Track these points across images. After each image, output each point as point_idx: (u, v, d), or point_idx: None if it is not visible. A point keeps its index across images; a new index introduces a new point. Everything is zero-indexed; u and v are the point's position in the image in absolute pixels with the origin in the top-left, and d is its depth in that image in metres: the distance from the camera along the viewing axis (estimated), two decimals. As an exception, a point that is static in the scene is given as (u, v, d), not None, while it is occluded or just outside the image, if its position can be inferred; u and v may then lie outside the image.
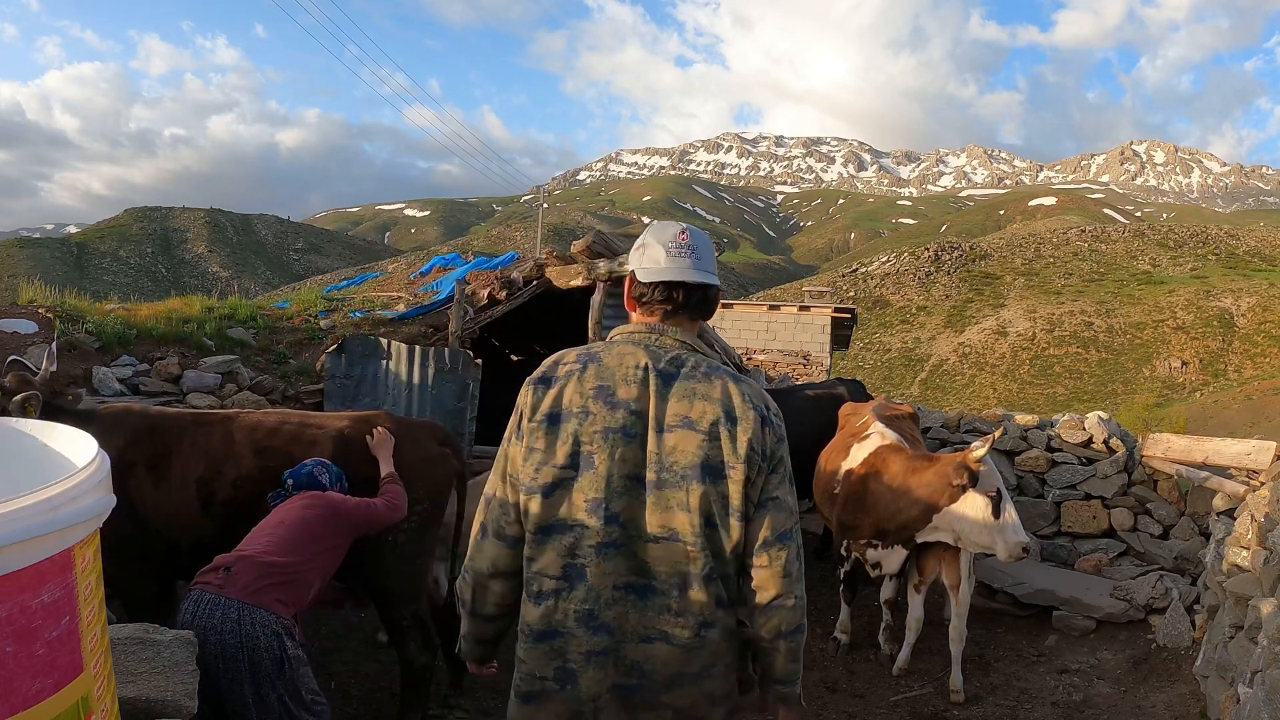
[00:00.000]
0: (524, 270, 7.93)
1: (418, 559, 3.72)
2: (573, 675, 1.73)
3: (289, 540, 2.93)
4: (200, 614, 2.66)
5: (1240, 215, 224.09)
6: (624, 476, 1.74)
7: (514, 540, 1.83)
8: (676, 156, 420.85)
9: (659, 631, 1.74)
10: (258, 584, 2.75)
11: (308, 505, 3.10)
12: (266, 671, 2.69)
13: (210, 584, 2.73)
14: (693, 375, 1.81)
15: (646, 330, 1.86)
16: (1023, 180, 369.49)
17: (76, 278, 65.97)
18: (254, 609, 2.70)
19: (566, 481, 1.75)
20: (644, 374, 1.79)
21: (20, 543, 1.10)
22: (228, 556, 2.83)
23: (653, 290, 1.86)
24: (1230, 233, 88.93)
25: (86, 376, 6.44)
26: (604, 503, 1.73)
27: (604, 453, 1.74)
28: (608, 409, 1.76)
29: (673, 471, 1.74)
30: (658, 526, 1.74)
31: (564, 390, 1.80)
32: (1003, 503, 4.35)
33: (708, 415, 1.76)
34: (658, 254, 1.85)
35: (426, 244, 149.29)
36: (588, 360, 1.83)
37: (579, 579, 1.73)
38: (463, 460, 4.01)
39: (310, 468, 3.30)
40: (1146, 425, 22.79)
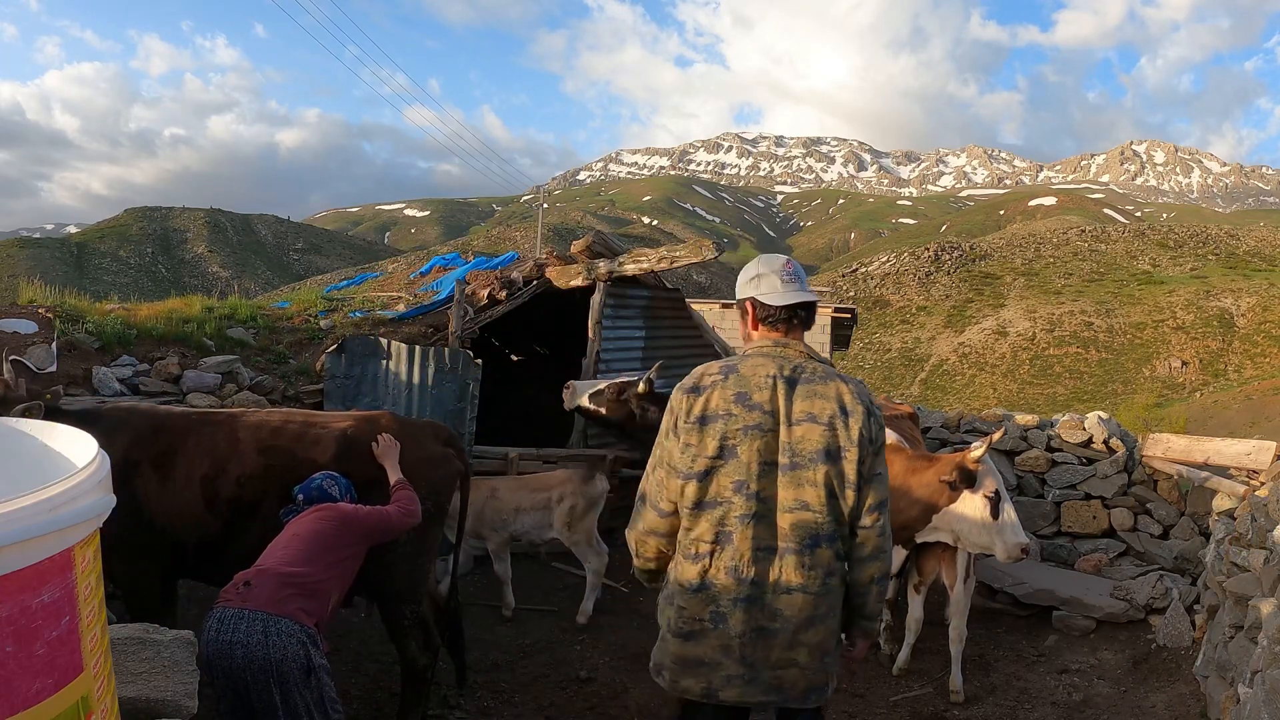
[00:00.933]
0: (524, 270, 7.93)
1: (419, 559, 3.72)
2: (723, 616, 2.28)
3: (305, 552, 2.95)
4: (225, 629, 2.68)
5: (1240, 215, 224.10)
6: (761, 462, 2.27)
7: (666, 512, 2.39)
8: (676, 156, 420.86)
9: (795, 583, 2.27)
10: (279, 594, 2.78)
11: (320, 517, 3.11)
12: (294, 680, 2.74)
13: (232, 600, 2.75)
14: (812, 379, 2.33)
15: (773, 345, 2.37)
16: (1023, 180, 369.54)
17: (76, 278, 65.98)
18: (279, 619, 2.73)
19: (715, 469, 2.28)
20: (772, 381, 2.31)
21: (20, 543, 1.10)
22: (246, 573, 2.85)
23: (779, 312, 2.37)
24: (1230, 233, 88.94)
25: (86, 376, 6.44)
26: (746, 483, 2.26)
27: (745, 444, 2.27)
28: (746, 410, 2.28)
29: (802, 456, 2.27)
30: (791, 500, 2.27)
31: (710, 397, 2.31)
32: (1002, 503, 4.34)
33: (826, 410, 2.29)
34: (774, 282, 2.38)
35: (426, 244, 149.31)
36: (729, 372, 2.34)
37: (727, 542, 2.27)
38: (466, 461, 4.02)
39: (319, 481, 3.30)
40: (1146, 425, 22.78)
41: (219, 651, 2.69)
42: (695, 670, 2.32)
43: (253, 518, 3.56)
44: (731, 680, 2.30)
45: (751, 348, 2.40)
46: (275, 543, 3.03)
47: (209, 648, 2.69)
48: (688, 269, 11.37)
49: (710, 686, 2.32)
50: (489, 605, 5.75)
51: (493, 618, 5.55)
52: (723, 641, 2.29)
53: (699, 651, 2.31)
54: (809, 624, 2.29)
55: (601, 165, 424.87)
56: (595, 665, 4.94)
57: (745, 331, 2.48)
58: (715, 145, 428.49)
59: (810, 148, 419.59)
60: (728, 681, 2.30)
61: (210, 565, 3.71)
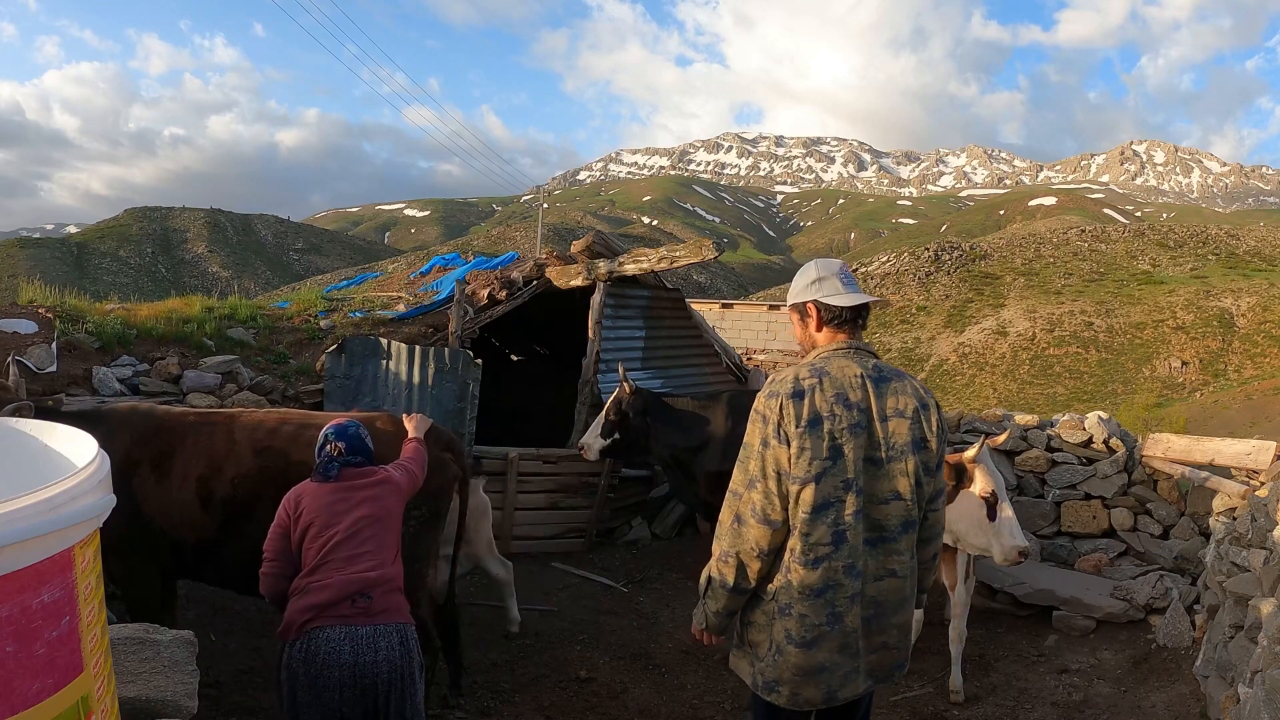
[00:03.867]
0: (524, 270, 7.92)
1: (415, 562, 3.70)
2: (840, 616, 2.34)
3: (392, 545, 2.89)
4: (365, 649, 2.64)
5: (1240, 215, 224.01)
6: (861, 459, 2.35)
7: (778, 524, 2.34)
8: (676, 156, 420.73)
9: (889, 570, 2.40)
10: (395, 601, 2.79)
11: (384, 493, 2.96)
12: (419, 680, 2.82)
13: (356, 618, 2.67)
14: (892, 378, 2.47)
15: (848, 347, 2.47)
16: (1023, 180, 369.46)
17: (76, 278, 65.93)
18: (405, 627, 2.77)
19: (829, 470, 2.31)
20: (862, 380, 2.40)
21: (20, 543, 1.10)
22: (353, 583, 2.70)
23: (844, 312, 2.46)
24: (1230, 233, 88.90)
25: (86, 376, 6.44)
26: (854, 480, 2.33)
27: (850, 443, 2.33)
28: (846, 409, 2.34)
29: (895, 449, 2.38)
30: (888, 491, 2.39)
31: (813, 400, 2.33)
32: (999, 505, 4.33)
33: (910, 406, 2.43)
34: (836, 285, 2.48)
35: (426, 244, 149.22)
36: (820, 375, 2.38)
37: (842, 542, 2.32)
38: (464, 464, 4.01)
39: (355, 428, 3.07)
40: (1146, 425, 22.78)
41: (361, 672, 2.63)
42: (816, 678, 2.34)
43: (249, 518, 3.56)
44: (848, 678, 2.38)
45: (828, 350, 2.48)
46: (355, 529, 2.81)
47: (345, 671, 2.61)
48: (688, 269, 11.37)
49: (830, 689, 2.36)
50: (489, 605, 5.75)
51: (493, 617, 5.55)
52: (841, 641, 2.35)
53: (820, 657, 2.34)
54: (900, 606, 2.45)
55: (601, 165, 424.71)
56: (595, 665, 4.94)
57: (808, 334, 2.55)
58: (715, 145, 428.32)
59: (810, 148, 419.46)
60: (844, 681, 2.37)
61: (208, 565, 3.71)
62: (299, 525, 2.85)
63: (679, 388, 7.78)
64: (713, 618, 2.48)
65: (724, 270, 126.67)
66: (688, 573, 6.65)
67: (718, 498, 6.49)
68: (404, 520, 3.58)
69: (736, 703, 4.61)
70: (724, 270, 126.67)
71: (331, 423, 3.13)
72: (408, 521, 3.60)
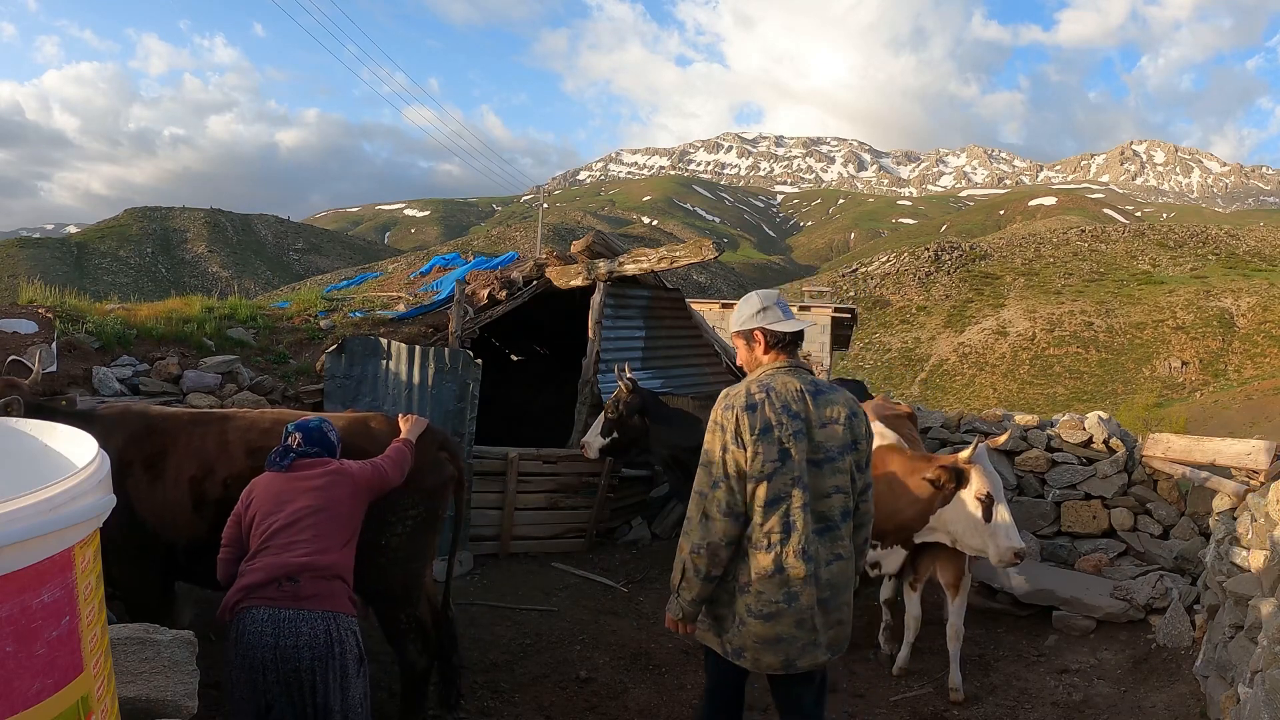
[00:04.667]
0: (524, 270, 7.92)
1: (412, 563, 3.68)
2: (796, 596, 2.71)
3: (334, 535, 2.90)
4: (286, 632, 2.66)
5: (1240, 215, 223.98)
6: (805, 460, 2.74)
7: (740, 517, 2.72)
8: (676, 156, 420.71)
9: (836, 554, 2.79)
10: (329, 588, 2.79)
11: (332, 483, 3.00)
12: (352, 672, 2.78)
13: (280, 600, 2.70)
14: (825, 390, 2.88)
15: (789, 365, 2.88)
16: (1023, 180, 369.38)
17: (76, 278, 65.95)
18: (337, 615, 2.76)
19: (779, 470, 2.70)
20: (801, 394, 2.80)
21: (20, 543, 1.10)
22: (282, 566, 2.76)
23: (785, 337, 2.88)
24: (1230, 233, 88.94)
25: (86, 376, 6.44)
26: (800, 478, 2.72)
27: (795, 446, 2.72)
28: (790, 419, 2.74)
29: (832, 450, 2.79)
30: (829, 486, 2.78)
31: (764, 411, 2.73)
32: (995, 505, 4.30)
33: (842, 413, 2.84)
34: (777, 314, 2.90)
35: (426, 244, 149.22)
36: (767, 390, 2.78)
37: (791, 530, 2.71)
38: (461, 465, 3.98)
39: (317, 423, 3.19)
40: (1146, 425, 22.78)
41: (283, 655, 2.65)
42: (775, 647, 2.74)
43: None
44: (805, 649, 2.75)
45: (772, 368, 2.88)
46: (295, 518, 2.86)
47: (267, 651, 2.63)
48: (688, 269, 11.37)
49: (789, 658, 2.75)
50: (489, 605, 5.75)
51: (493, 617, 5.55)
52: (798, 617, 2.72)
53: (779, 630, 2.72)
54: (847, 586, 2.85)
55: (601, 165, 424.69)
56: (595, 665, 4.94)
57: (754, 356, 2.94)
58: (715, 145, 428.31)
59: (810, 148, 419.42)
60: (803, 651, 2.75)
61: (201, 567, 3.69)
62: (249, 513, 2.94)
63: (679, 388, 7.78)
64: (688, 607, 2.81)
65: (724, 270, 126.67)
66: (688, 573, 6.65)
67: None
68: (401, 520, 3.58)
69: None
70: (724, 270, 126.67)
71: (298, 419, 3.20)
72: (404, 521, 3.60)
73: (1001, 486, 4.43)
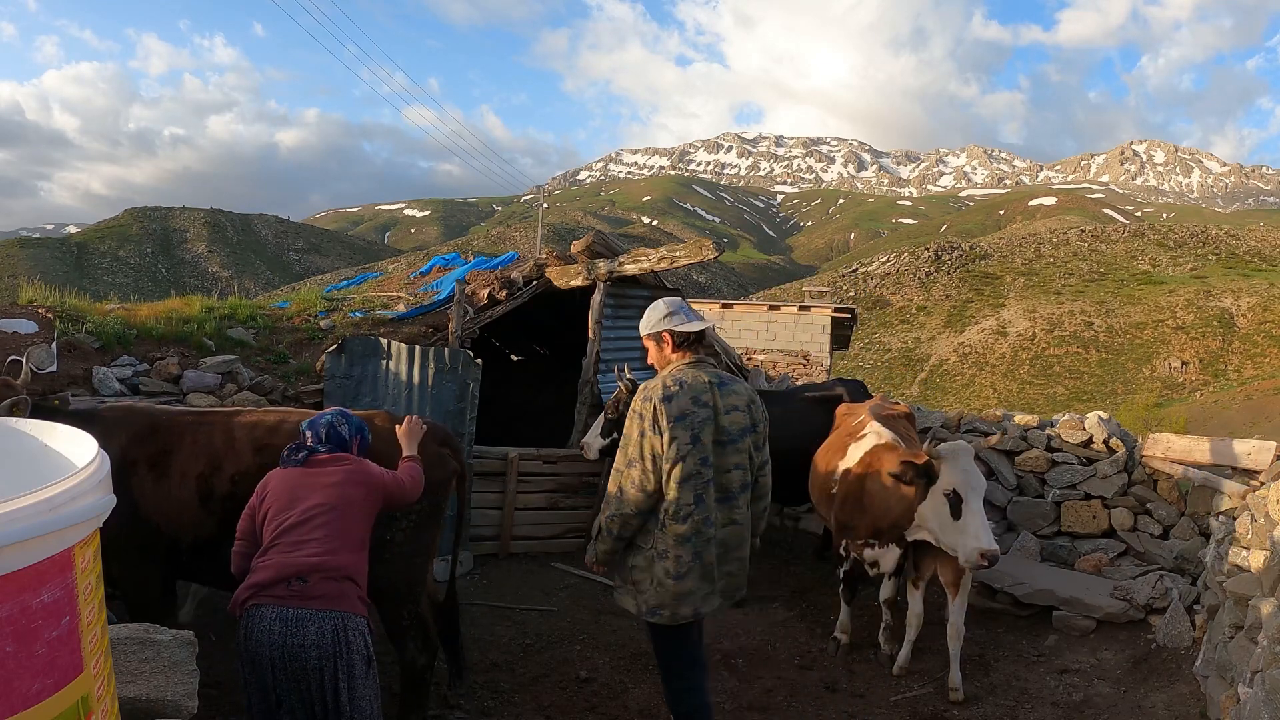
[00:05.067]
0: (524, 270, 7.92)
1: (416, 558, 3.71)
2: (700, 555, 3.26)
3: (348, 534, 2.88)
4: (294, 631, 2.65)
5: (1240, 215, 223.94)
6: (712, 442, 3.26)
7: (651, 493, 3.22)
8: (676, 156, 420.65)
9: (733, 519, 3.37)
10: (339, 589, 2.77)
11: (349, 481, 2.97)
12: (360, 673, 2.76)
13: (289, 599, 2.69)
14: (728, 383, 3.41)
15: (696, 361, 3.39)
16: (1023, 180, 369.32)
17: (76, 278, 65.95)
18: (345, 615, 2.75)
19: (691, 452, 3.21)
20: (709, 385, 3.32)
21: (20, 543, 1.10)
22: (291, 565, 2.74)
23: (690, 336, 3.37)
24: (1230, 233, 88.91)
25: (86, 376, 6.44)
26: (708, 458, 3.25)
27: (704, 431, 3.24)
28: (700, 408, 3.25)
29: (734, 434, 3.33)
30: (731, 464, 3.33)
31: (679, 402, 3.22)
32: (964, 504, 4.23)
33: (743, 401, 3.40)
34: (682, 317, 3.37)
35: (426, 244, 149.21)
36: (680, 383, 3.27)
37: (701, 502, 3.24)
38: (463, 461, 4.00)
39: (330, 418, 3.15)
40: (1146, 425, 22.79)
41: (290, 655, 2.64)
42: (687, 600, 3.27)
43: None
44: (706, 599, 3.32)
45: (682, 364, 3.39)
46: (308, 516, 2.85)
47: (274, 650, 2.62)
48: (688, 269, 11.37)
49: (696, 608, 3.30)
50: (489, 605, 5.75)
51: (493, 617, 5.55)
52: (702, 572, 3.27)
53: (689, 585, 3.26)
54: (740, 544, 3.41)
55: (601, 165, 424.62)
56: (595, 665, 4.94)
57: (664, 355, 3.44)
58: (715, 145, 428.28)
59: (810, 148, 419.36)
60: (704, 600, 3.31)
61: (205, 565, 3.70)
62: (262, 508, 2.93)
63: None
64: (604, 555, 3.37)
65: (724, 270, 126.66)
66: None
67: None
68: (405, 516, 3.58)
69: (737, 703, 4.61)
70: (724, 270, 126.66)
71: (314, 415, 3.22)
72: (408, 516, 3.61)
73: (981, 485, 4.33)
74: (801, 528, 7.80)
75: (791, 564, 7.02)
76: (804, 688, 4.83)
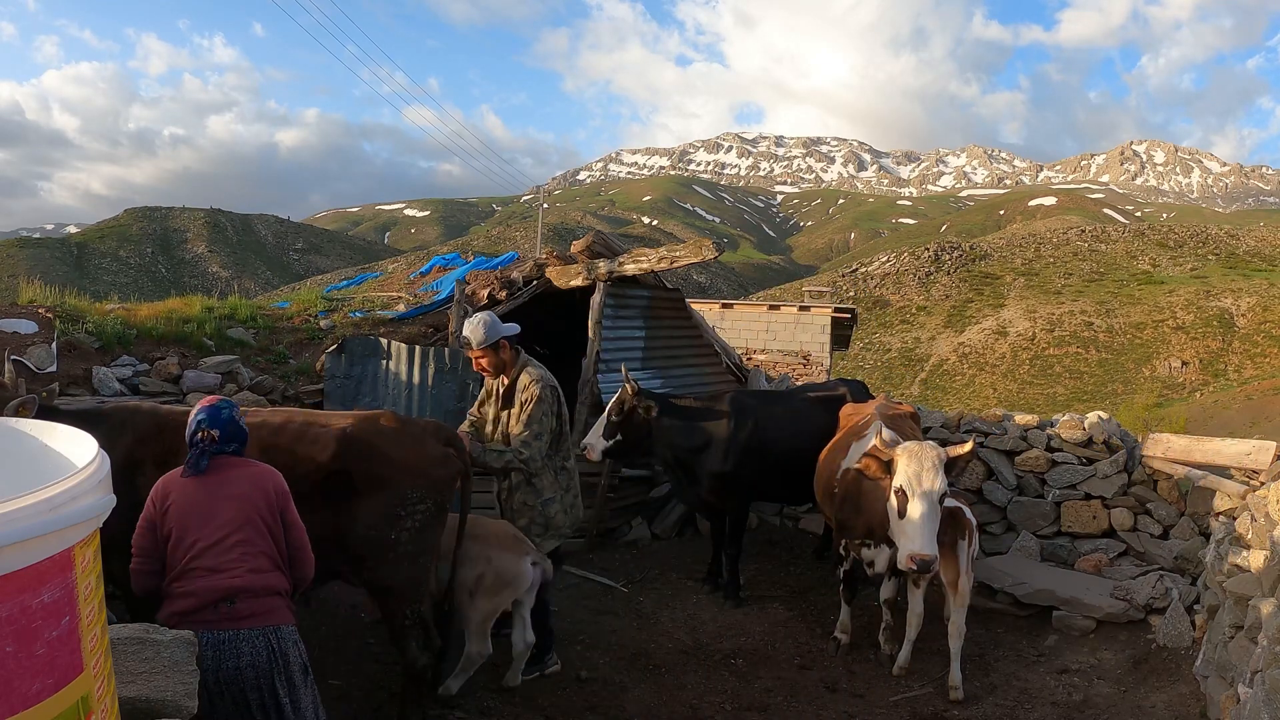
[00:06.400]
0: (524, 270, 7.92)
1: (420, 558, 3.70)
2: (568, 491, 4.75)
3: (266, 547, 2.77)
4: (228, 655, 2.61)
5: (1240, 215, 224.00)
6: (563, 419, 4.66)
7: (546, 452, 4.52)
8: (676, 156, 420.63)
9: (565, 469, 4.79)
10: (268, 605, 2.72)
11: (256, 489, 2.80)
12: (299, 683, 2.75)
13: (219, 622, 2.63)
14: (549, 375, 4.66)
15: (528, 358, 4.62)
16: (1023, 180, 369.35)
17: (76, 278, 65.92)
18: (278, 629, 2.71)
19: (561, 426, 4.61)
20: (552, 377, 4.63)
21: (20, 543, 1.10)
22: (214, 590, 2.64)
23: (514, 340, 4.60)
24: (1230, 233, 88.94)
25: (86, 376, 6.44)
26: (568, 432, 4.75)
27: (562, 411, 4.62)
28: (558, 398, 4.57)
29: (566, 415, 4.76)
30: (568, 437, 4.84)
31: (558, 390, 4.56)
32: (908, 503, 4.16)
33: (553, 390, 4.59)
34: (506, 328, 4.51)
35: (426, 244, 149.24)
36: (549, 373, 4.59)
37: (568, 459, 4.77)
38: (467, 460, 3.99)
39: (229, 411, 2.88)
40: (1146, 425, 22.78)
41: (226, 679, 2.61)
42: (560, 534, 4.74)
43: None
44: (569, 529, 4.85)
45: (526, 361, 4.56)
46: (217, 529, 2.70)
47: (209, 675, 2.56)
48: (688, 269, 11.36)
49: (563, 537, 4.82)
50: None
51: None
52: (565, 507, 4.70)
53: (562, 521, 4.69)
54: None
55: (601, 165, 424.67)
56: (595, 665, 4.94)
57: (501, 359, 4.49)
58: (715, 145, 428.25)
59: (810, 148, 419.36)
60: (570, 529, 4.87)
61: None
62: (164, 523, 2.73)
63: (679, 388, 7.78)
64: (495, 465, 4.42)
65: (724, 270, 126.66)
66: (688, 573, 6.65)
67: (720, 498, 6.49)
68: (410, 515, 3.58)
69: (737, 703, 4.61)
70: (724, 270, 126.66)
71: (203, 404, 2.90)
72: (413, 516, 3.60)
73: (931, 488, 4.22)
74: (801, 528, 7.80)
75: (791, 564, 7.02)
76: (804, 688, 4.83)
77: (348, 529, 3.54)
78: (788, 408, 6.52)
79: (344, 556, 3.58)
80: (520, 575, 4.24)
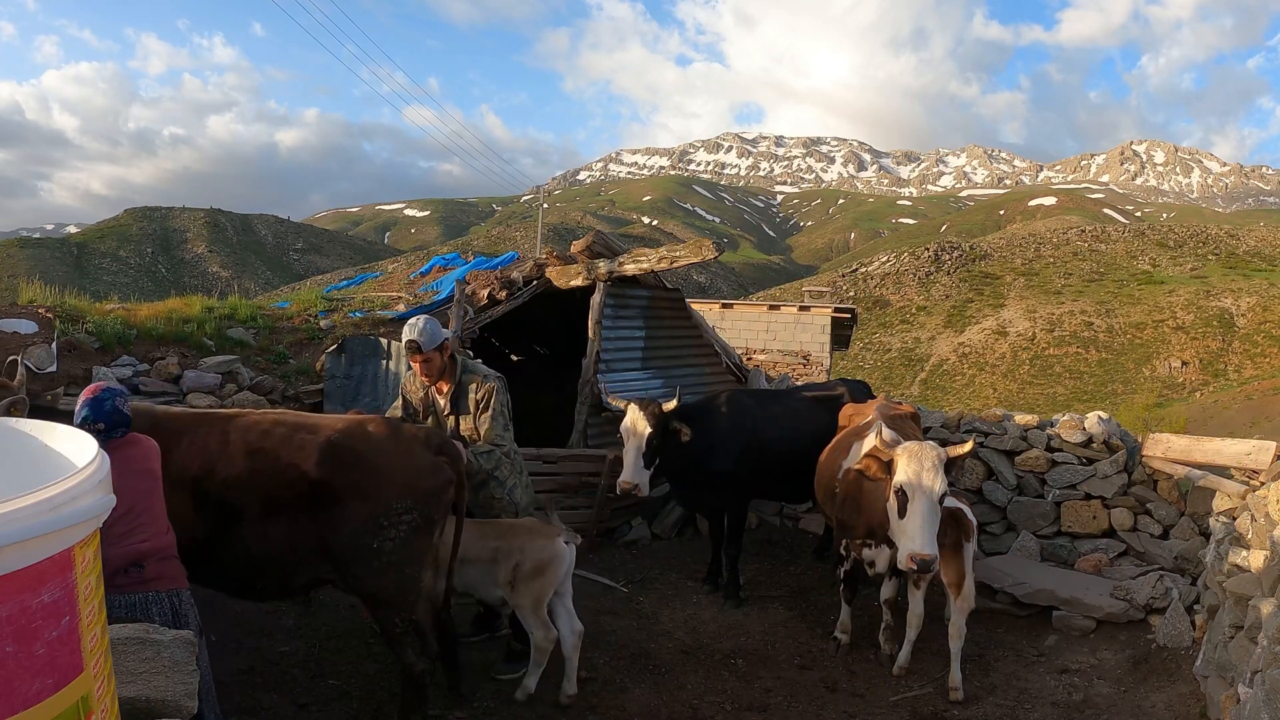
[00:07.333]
0: (524, 270, 7.93)
1: (406, 567, 3.64)
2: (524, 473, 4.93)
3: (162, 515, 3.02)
4: (139, 615, 2.77)
5: (1240, 215, 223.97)
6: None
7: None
8: (676, 156, 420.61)
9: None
10: (171, 569, 2.96)
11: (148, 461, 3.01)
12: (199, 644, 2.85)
13: (129, 586, 2.84)
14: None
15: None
16: (1023, 180, 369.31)
17: (76, 278, 65.94)
18: (180, 592, 2.97)
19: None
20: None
21: (20, 543, 1.10)
22: (126, 555, 2.83)
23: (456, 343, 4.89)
24: (1230, 233, 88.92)
25: (86, 376, 6.44)
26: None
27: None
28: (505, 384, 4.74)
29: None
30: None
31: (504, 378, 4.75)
32: (909, 503, 4.16)
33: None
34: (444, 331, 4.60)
35: (426, 244, 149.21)
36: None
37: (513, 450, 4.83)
38: (460, 469, 3.86)
39: (109, 402, 2.98)
40: (1146, 425, 22.77)
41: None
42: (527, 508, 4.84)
43: (239, 520, 3.53)
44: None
45: (469, 364, 4.67)
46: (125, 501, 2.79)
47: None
48: (688, 269, 11.37)
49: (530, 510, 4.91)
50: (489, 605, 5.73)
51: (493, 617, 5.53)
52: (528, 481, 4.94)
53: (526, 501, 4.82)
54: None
55: (601, 165, 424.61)
56: (595, 665, 4.94)
57: (444, 359, 4.46)
58: (715, 145, 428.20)
59: (810, 148, 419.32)
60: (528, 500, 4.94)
61: (200, 567, 3.68)
62: None
63: (679, 388, 7.77)
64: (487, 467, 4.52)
65: (724, 270, 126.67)
66: (688, 573, 6.65)
67: (719, 497, 6.46)
68: (394, 525, 3.53)
69: (737, 703, 4.61)
70: (724, 270, 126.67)
71: (85, 396, 2.98)
72: (397, 526, 3.57)
73: (931, 488, 4.20)
74: (801, 528, 7.80)
75: (791, 564, 7.02)
76: (804, 688, 4.83)
77: (331, 536, 3.52)
78: (786, 407, 6.52)
79: (330, 564, 3.57)
80: (557, 554, 4.28)
